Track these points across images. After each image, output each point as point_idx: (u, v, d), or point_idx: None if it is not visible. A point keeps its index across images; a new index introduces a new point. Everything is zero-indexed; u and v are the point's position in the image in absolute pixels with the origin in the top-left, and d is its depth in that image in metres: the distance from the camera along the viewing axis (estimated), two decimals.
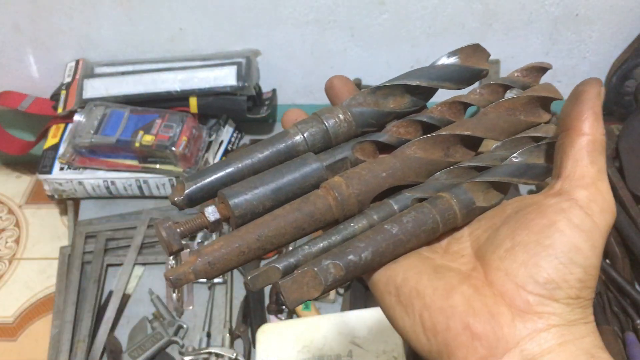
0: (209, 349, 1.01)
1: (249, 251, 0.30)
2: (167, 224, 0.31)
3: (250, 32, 1.26)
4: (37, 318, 1.33)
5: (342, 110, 0.34)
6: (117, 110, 1.21)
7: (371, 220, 0.32)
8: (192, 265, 0.29)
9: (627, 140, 1.19)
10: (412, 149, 0.34)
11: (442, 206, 0.32)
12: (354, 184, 0.32)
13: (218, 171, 0.32)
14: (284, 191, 0.32)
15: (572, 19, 1.22)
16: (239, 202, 0.31)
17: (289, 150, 0.33)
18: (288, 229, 0.31)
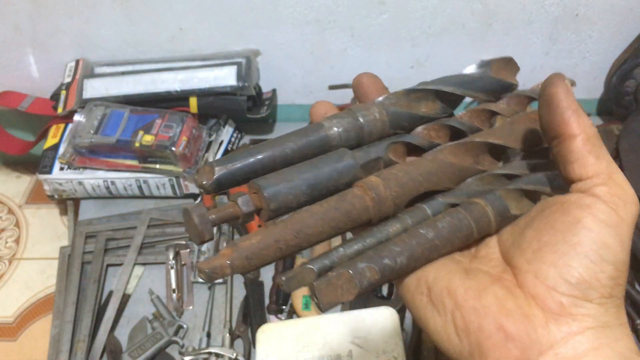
0: (209, 349, 1.01)
1: (286, 248, 0.29)
2: (201, 211, 0.29)
3: (250, 32, 1.26)
4: (37, 318, 1.33)
5: (377, 108, 0.34)
6: (117, 110, 1.21)
7: (405, 224, 0.32)
8: (229, 259, 0.28)
9: (627, 140, 1.19)
10: (444, 154, 0.34)
11: (477, 212, 0.32)
12: (392, 186, 0.31)
13: (249, 157, 0.31)
14: (319, 187, 0.31)
15: (572, 19, 1.22)
16: (274, 194, 0.30)
17: (323, 143, 0.33)
18: (325, 227, 0.30)
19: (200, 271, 0.29)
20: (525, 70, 1.31)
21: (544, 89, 0.32)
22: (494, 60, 0.37)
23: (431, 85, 0.36)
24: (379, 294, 1.06)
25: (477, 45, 1.27)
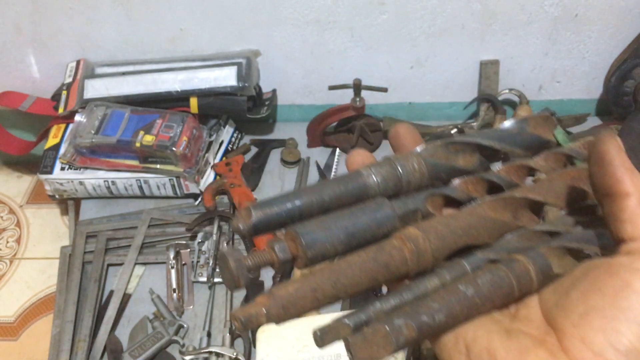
0: (209, 349, 1.01)
1: (323, 298, 0.28)
2: (237, 257, 0.29)
3: (251, 33, 1.26)
4: (38, 318, 1.33)
5: (416, 159, 0.34)
6: (118, 110, 1.21)
7: (443, 279, 0.31)
8: (265, 307, 0.27)
9: (626, 140, 1.19)
10: (483, 208, 0.33)
11: (518, 270, 0.30)
12: (431, 239, 0.31)
13: (287, 203, 0.31)
14: (357, 237, 0.31)
15: (572, 20, 1.22)
16: (312, 243, 0.29)
17: (361, 192, 0.32)
18: (363, 278, 0.29)
19: (234, 319, 0.28)
20: (525, 71, 1.31)
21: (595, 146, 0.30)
22: (531, 116, 0.37)
23: (470, 139, 0.35)
24: (378, 294, 1.06)
25: (477, 46, 1.27)
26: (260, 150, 1.34)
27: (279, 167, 1.32)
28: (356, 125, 1.30)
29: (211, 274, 1.10)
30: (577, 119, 1.35)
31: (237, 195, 1.20)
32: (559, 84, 1.35)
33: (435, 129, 1.34)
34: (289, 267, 0.30)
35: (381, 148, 1.34)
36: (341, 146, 1.34)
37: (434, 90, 1.36)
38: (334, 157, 1.32)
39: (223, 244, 1.15)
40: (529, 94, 1.30)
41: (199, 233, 1.16)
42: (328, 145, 1.35)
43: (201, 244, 1.15)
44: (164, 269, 1.13)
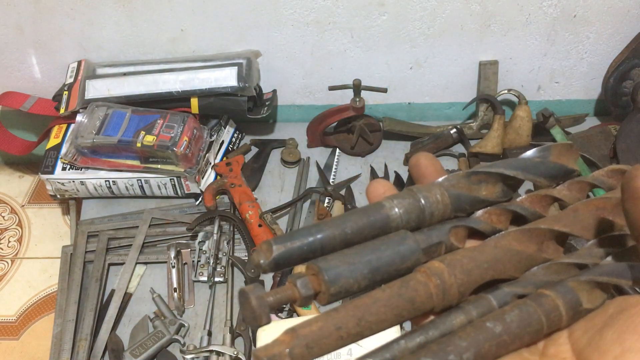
0: (210, 348, 1.01)
1: (347, 336, 0.27)
2: (259, 293, 0.28)
3: (251, 34, 1.27)
4: (40, 317, 1.34)
5: (439, 190, 0.33)
6: (119, 110, 1.21)
7: (470, 315, 0.30)
8: (289, 347, 0.26)
9: (624, 141, 1.20)
10: (507, 240, 0.33)
11: (547, 306, 0.30)
12: (457, 273, 0.30)
13: (309, 236, 0.30)
14: (381, 271, 0.30)
15: (570, 20, 1.23)
16: (335, 278, 0.29)
17: (383, 224, 0.32)
18: (388, 315, 0.28)
19: (256, 358, 0.27)
20: (524, 71, 1.32)
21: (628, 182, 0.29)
22: (554, 145, 0.37)
23: (493, 169, 0.35)
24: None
25: (476, 46, 1.27)
26: (261, 151, 1.35)
27: (279, 167, 1.32)
28: (356, 125, 1.30)
29: (212, 274, 1.11)
30: (575, 119, 1.36)
31: (238, 195, 1.21)
32: (557, 85, 1.36)
33: (435, 129, 1.35)
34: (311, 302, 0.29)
35: (381, 148, 1.35)
36: (341, 146, 1.34)
37: (433, 90, 1.37)
38: (334, 157, 1.33)
39: (223, 244, 1.16)
40: (528, 95, 1.30)
41: (199, 233, 1.16)
42: (328, 146, 1.36)
43: (202, 243, 1.16)
44: (165, 268, 1.14)
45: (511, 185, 0.36)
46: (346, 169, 1.32)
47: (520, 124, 1.25)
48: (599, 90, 1.34)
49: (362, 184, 1.28)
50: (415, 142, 1.33)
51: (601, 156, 1.21)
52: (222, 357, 1.01)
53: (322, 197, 1.23)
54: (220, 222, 1.17)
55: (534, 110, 1.27)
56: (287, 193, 1.27)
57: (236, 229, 1.18)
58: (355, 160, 1.33)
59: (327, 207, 1.22)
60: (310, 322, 0.27)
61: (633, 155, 1.18)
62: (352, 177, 1.29)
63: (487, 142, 1.26)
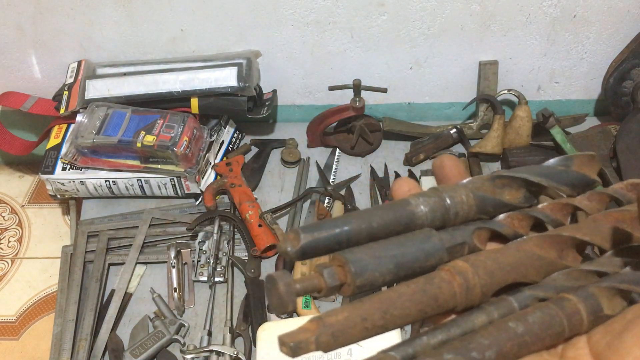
0: (210, 347, 1.01)
1: (372, 327, 0.28)
2: (287, 280, 0.28)
3: (251, 34, 1.27)
4: (40, 317, 1.34)
5: (465, 191, 0.34)
6: (119, 110, 1.21)
7: (491, 316, 0.30)
8: (315, 335, 0.27)
9: (624, 141, 1.20)
10: (529, 245, 0.33)
11: (569, 309, 0.30)
12: (480, 273, 0.30)
13: (335, 227, 0.30)
14: (405, 267, 0.30)
15: (570, 20, 1.23)
16: (362, 270, 0.29)
17: (408, 221, 0.32)
18: (412, 310, 0.29)
19: (282, 344, 0.27)
20: (524, 71, 1.32)
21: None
22: (576, 155, 0.37)
23: (518, 174, 0.35)
24: None
25: (476, 46, 1.27)
26: (261, 151, 1.35)
27: (279, 167, 1.32)
28: (356, 125, 1.30)
29: (212, 274, 1.11)
30: (575, 120, 1.36)
31: (238, 195, 1.21)
32: (557, 85, 1.36)
33: (435, 129, 1.35)
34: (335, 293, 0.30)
35: (381, 148, 1.35)
36: (341, 146, 1.34)
37: (433, 90, 1.37)
38: (334, 157, 1.33)
39: (223, 244, 1.16)
40: (528, 95, 1.30)
41: (199, 233, 1.16)
42: (328, 146, 1.36)
43: (202, 243, 1.16)
44: (165, 268, 1.14)
45: (533, 192, 0.36)
46: (346, 169, 1.32)
47: (520, 124, 1.25)
48: (599, 90, 1.34)
49: (362, 184, 1.28)
50: (415, 142, 1.33)
51: (601, 156, 1.21)
52: (222, 357, 1.01)
53: (322, 197, 1.23)
54: (220, 222, 1.17)
55: (534, 110, 1.27)
56: (287, 193, 1.27)
57: (236, 229, 1.18)
58: (355, 160, 1.34)
59: (327, 207, 1.22)
60: (336, 312, 0.28)
61: (633, 154, 1.18)
62: (352, 177, 1.29)
63: (487, 142, 1.26)
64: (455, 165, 0.37)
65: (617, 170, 1.18)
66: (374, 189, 1.26)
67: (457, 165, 0.37)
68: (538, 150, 1.25)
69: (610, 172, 1.18)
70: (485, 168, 1.28)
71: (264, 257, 1.15)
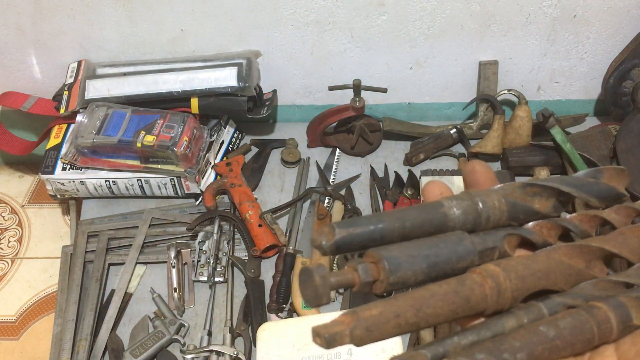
0: (210, 347, 1.01)
1: (405, 324, 0.28)
2: (323, 273, 0.28)
3: (251, 34, 1.27)
4: (40, 317, 1.34)
5: (497, 197, 0.34)
6: (119, 110, 1.21)
7: (520, 321, 0.31)
8: (349, 328, 0.27)
9: (624, 141, 1.20)
10: (558, 254, 0.33)
11: (599, 317, 0.30)
12: (512, 278, 0.31)
13: (370, 225, 0.31)
14: (437, 268, 0.31)
15: (570, 20, 1.23)
16: (396, 268, 0.29)
17: (441, 222, 0.33)
18: (444, 309, 0.29)
19: (317, 335, 0.27)
20: (524, 71, 1.32)
21: None
22: (606, 168, 0.38)
23: (549, 183, 0.35)
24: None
25: (476, 46, 1.27)
26: (261, 151, 1.35)
27: (279, 167, 1.32)
28: (356, 125, 1.30)
29: (212, 274, 1.11)
30: (575, 120, 1.36)
31: (238, 195, 1.21)
32: (557, 85, 1.36)
33: (435, 129, 1.35)
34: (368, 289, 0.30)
35: (381, 148, 1.35)
36: (341, 146, 1.34)
37: (433, 90, 1.37)
38: (334, 157, 1.33)
39: (223, 244, 1.16)
40: (528, 95, 1.30)
41: (199, 233, 1.16)
42: (328, 146, 1.36)
43: (202, 243, 1.16)
44: (165, 268, 1.14)
45: (562, 202, 0.36)
46: (346, 169, 1.32)
47: (520, 124, 1.25)
48: (599, 90, 1.34)
49: (362, 183, 1.28)
50: (415, 142, 1.33)
51: (601, 156, 1.21)
52: (222, 357, 1.01)
53: (322, 197, 1.23)
54: (220, 222, 1.17)
55: (533, 110, 1.27)
56: (287, 193, 1.27)
57: (236, 229, 1.18)
58: (355, 160, 1.34)
59: (327, 207, 1.22)
60: (370, 307, 0.28)
61: (633, 154, 1.18)
62: (352, 177, 1.29)
63: (487, 142, 1.26)
64: (486, 171, 0.37)
65: None
66: (374, 189, 1.26)
67: (488, 171, 0.37)
68: (538, 150, 1.25)
69: None
70: None
71: (264, 257, 1.15)
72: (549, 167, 1.24)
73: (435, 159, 1.32)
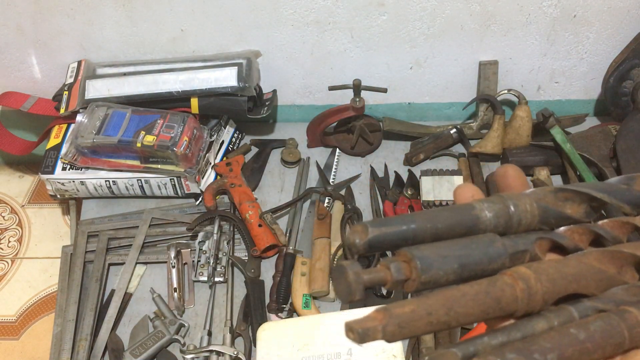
0: (210, 347, 1.01)
1: (436, 323, 0.29)
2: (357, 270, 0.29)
3: (251, 34, 1.27)
4: (40, 317, 1.34)
5: (529, 201, 0.34)
6: (119, 110, 1.21)
7: (551, 323, 0.31)
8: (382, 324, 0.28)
9: (624, 141, 1.20)
10: (589, 259, 0.33)
11: (630, 321, 0.30)
12: (543, 280, 0.31)
13: (403, 224, 0.31)
14: (468, 269, 0.31)
15: (570, 20, 1.23)
16: (427, 268, 0.30)
17: (473, 224, 0.33)
18: (475, 310, 0.29)
19: (350, 330, 0.28)
20: (524, 71, 1.32)
21: None
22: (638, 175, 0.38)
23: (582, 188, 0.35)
24: (378, 293, 1.07)
25: (476, 47, 1.27)
26: (261, 151, 1.35)
27: (279, 167, 1.32)
28: (356, 125, 1.30)
29: (212, 274, 1.11)
30: (575, 120, 1.36)
31: (238, 195, 1.21)
32: (557, 85, 1.36)
33: (435, 129, 1.35)
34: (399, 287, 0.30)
35: (381, 148, 1.35)
36: (341, 146, 1.34)
37: (433, 90, 1.37)
38: (334, 157, 1.33)
39: (223, 244, 1.16)
40: (528, 95, 1.30)
41: (199, 233, 1.16)
42: (328, 146, 1.36)
43: (202, 243, 1.16)
44: (165, 268, 1.14)
45: (594, 207, 0.36)
46: (346, 169, 1.32)
47: (520, 124, 1.25)
48: (599, 90, 1.34)
49: (362, 183, 1.28)
50: (415, 142, 1.33)
51: (601, 156, 1.21)
52: (222, 357, 1.01)
53: (322, 197, 1.23)
54: (220, 222, 1.17)
55: (533, 110, 1.27)
56: (287, 193, 1.27)
57: (236, 229, 1.18)
58: (355, 160, 1.34)
59: (327, 207, 1.22)
60: (403, 304, 0.29)
61: (633, 154, 1.18)
62: (352, 177, 1.29)
63: (487, 142, 1.26)
64: (518, 176, 0.37)
65: (617, 171, 1.18)
66: (374, 189, 1.26)
67: (520, 175, 0.37)
68: (538, 150, 1.25)
69: (611, 172, 1.18)
70: (485, 168, 1.28)
71: (264, 257, 1.15)
72: (549, 167, 1.24)
73: (435, 159, 1.33)
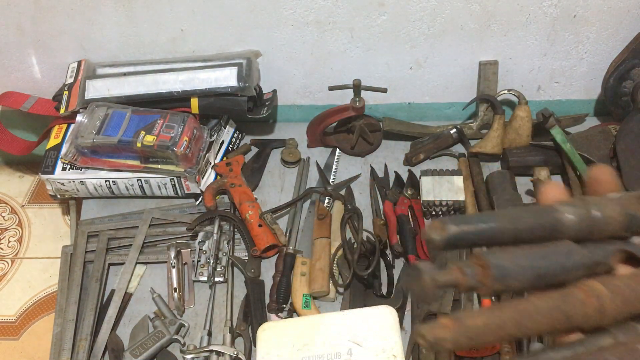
0: (210, 347, 1.02)
1: (504, 335, 0.29)
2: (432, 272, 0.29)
3: (251, 34, 1.27)
4: (40, 317, 1.34)
5: (614, 206, 0.33)
6: (119, 110, 1.21)
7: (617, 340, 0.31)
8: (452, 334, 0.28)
9: (624, 141, 1.20)
10: None
11: None
12: (617, 302, 0.31)
13: (482, 223, 0.31)
14: (543, 280, 0.31)
15: (570, 20, 1.23)
16: (502, 276, 0.30)
17: (553, 228, 0.32)
18: (545, 325, 0.30)
19: (421, 336, 0.28)
20: (524, 71, 1.32)
21: None
22: None
23: None
24: (378, 293, 1.07)
25: (476, 47, 1.27)
26: (261, 151, 1.35)
27: (279, 167, 1.32)
28: (356, 125, 1.30)
29: (212, 274, 1.11)
30: (575, 120, 1.36)
31: (238, 195, 1.21)
32: (557, 85, 1.36)
33: (435, 129, 1.35)
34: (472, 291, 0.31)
35: (381, 148, 1.35)
36: (341, 146, 1.34)
37: (433, 90, 1.37)
38: (334, 157, 1.33)
39: (224, 244, 1.16)
40: (528, 95, 1.30)
41: (199, 233, 1.16)
42: (328, 146, 1.36)
43: (202, 243, 1.16)
44: (165, 268, 1.14)
45: None
46: (346, 169, 1.32)
47: (520, 124, 1.25)
48: (599, 90, 1.34)
49: (362, 184, 1.28)
50: (415, 142, 1.33)
51: (601, 156, 1.21)
52: (222, 357, 1.01)
53: (322, 197, 1.23)
54: (220, 222, 1.17)
55: (534, 110, 1.27)
56: (287, 193, 1.27)
57: (236, 229, 1.18)
58: (355, 160, 1.34)
59: (327, 207, 1.22)
60: (474, 315, 0.29)
61: (633, 154, 1.18)
62: (352, 177, 1.29)
63: (487, 142, 1.26)
64: (611, 179, 0.36)
65: (617, 171, 1.18)
66: (374, 189, 1.26)
67: (613, 179, 0.36)
68: (538, 150, 1.25)
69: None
70: (485, 168, 1.28)
71: (264, 257, 1.15)
72: (549, 167, 1.24)
73: (435, 159, 1.32)
